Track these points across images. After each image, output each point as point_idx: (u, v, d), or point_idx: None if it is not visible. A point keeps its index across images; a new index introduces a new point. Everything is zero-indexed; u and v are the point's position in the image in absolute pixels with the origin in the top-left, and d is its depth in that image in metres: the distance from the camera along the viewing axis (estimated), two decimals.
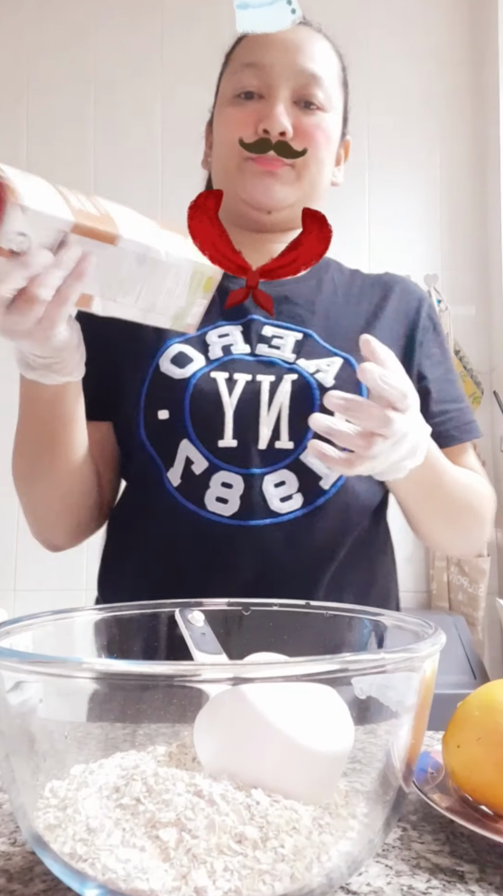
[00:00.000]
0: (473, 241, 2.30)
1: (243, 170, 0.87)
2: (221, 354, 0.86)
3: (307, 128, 0.87)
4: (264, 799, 0.38)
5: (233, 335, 0.88)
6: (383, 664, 0.36)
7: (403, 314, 0.94)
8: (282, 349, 0.87)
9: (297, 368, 0.85)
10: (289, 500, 0.81)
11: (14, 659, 0.37)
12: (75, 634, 0.52)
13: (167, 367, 0.85)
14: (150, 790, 0.38)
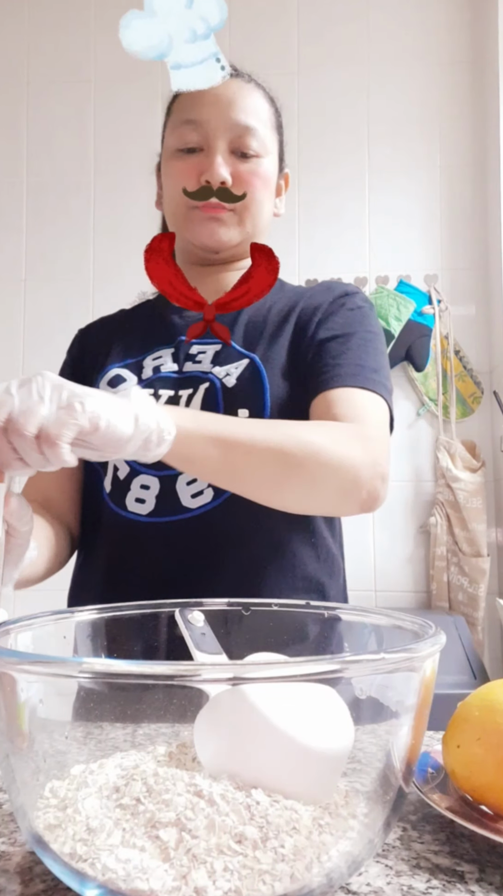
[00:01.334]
0: (473, 241, 2.30)
1: (190, 217, 0.96)
2: (151, 374, 0.95)
3: (244, 175, 0.95)
4: (264, 799, 0.38)
5: (164, 357, 0.97)
6: (383, 664, 0.36)
7: (312, 305, 0.98)
8: (203, 362, 0.94)
9: (211, 376, 0.92)
10: (200, 495, 0.87)
11: (14, 659, 0.37)
12: (75, 634, 0.52)
13: (103, 388, 0.94)
14: (150, 790, 0.38)
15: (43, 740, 0.40)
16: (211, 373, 0.93)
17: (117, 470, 0.91)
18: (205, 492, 0.87)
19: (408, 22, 2.34)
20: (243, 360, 0.93)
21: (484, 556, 2.14)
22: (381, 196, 2.32)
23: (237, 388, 0.90)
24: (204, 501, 0.87)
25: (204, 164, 0.95)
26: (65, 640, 0.51)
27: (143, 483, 0.89)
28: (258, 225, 0.99)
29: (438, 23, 2.34)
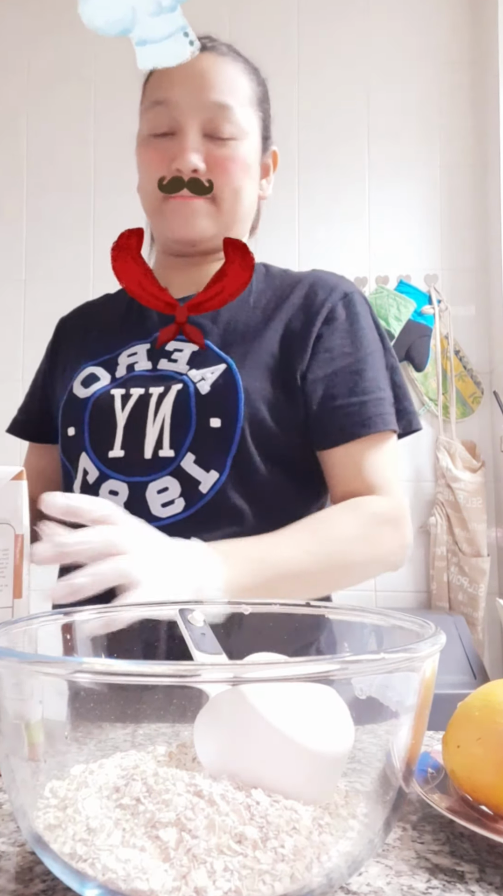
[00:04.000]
0: (473, 241, 2.30)
1: (163, 209, 0.90)
2: (125, 373, 0.91)
3: (218, 160, 0.88)
4: (264, 799, 0.38)
5: (139, 353, 0.93)
6: (383, 664, 0.36)
7: (302, 309, 0.92)
8: (179, 362, 0.90)
9: (185, 378, 0.88)
10: (170, 504, 0.84)
11: (14, 659, 0.37)
12: (75, 634, 0.52)
13: (77, 388, 0.93)
14: (150, 790, 0.38)
15: (43, 740, 0.40)
16: (186, 375, 0.88)
17: (87, 473, 0.88)
18: (175, 501, 0.84)
19: (408, 22, 2.34)
20: (220, 365, 0.88)
21: (484, 556, 2.14)
22: (381, 196, 2.32)
23: (210, 396, 0.86)
24: (174, 511, 0.84)
25: (174, 149, 0.88)
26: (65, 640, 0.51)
27: (111, 488, 0.86)
28: (238, 213, 0.92)
29: (438, 23, 2.34)
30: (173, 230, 0.91)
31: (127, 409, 0.88)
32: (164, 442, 0.85)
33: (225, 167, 0.89)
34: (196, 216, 0.90)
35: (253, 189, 0.95)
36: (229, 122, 0.89)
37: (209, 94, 0.88)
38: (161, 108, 0.89)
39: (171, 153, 0.88)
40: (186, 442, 0.85)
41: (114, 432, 0.87)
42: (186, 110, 0.87)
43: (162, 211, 0.91)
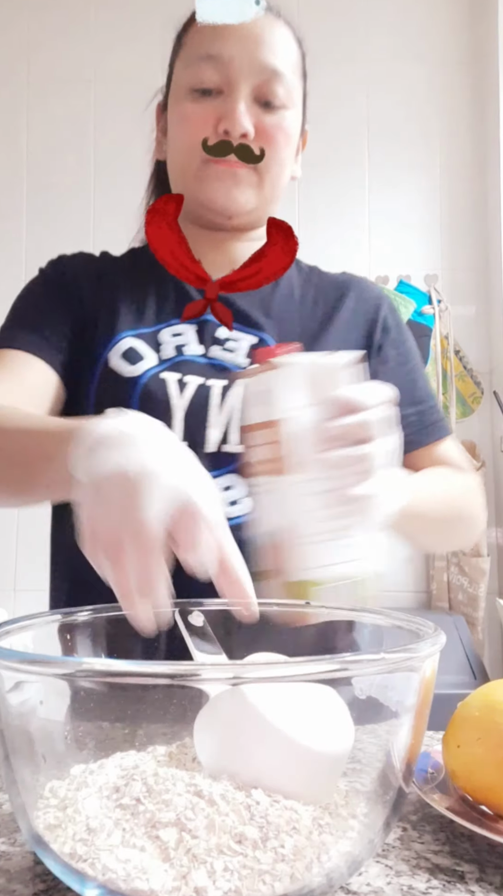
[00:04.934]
0: (473, 241, 2.30)
1: (204, 173, 0.83)
2: (174, 354, 0.83)
3: (268, 129, 0.82)
4: (264, 799, 0.38)
5: (186, 335, 0.85)
6: (383, 664, 0.36)
7: (361, 316, 0.90)
8: (236, 353, 0.84)
9: None
10: (236, 504, 0.78)
11: (14, 659, 0.37)
12: (75, 634, 0.52)
13: (116, 364, 0.82)
14: (150, 790, 0.38)
15: (43, 740, 0.40)
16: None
17: None
18: (242, 501, 0.78)
19: (408, 22, 2.34)
20: None
21: (484, 556, 2.14)
22: (381, 196, 2.32)
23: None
24: (242, 511, 0.77)
25: (223, 109, 0.81)
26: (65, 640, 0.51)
27: None
28: (277, 188, 0.87)
29: (438, 23, 2.34)
30: (212, 199, 0.84)
31: (185, 397, 0.80)
32: (230, 436, 0.79)
33: (273, 137, 0.82)
34: (240, 186, 0.83)
35: (290, 165, 0.89)
36: (282, 88, 0.83)
37: (266, 56, 0.81)
38: (211, 63, 0.81)
39: (219, 112, 0.81)
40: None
41: (170, 423, 0.79)
42: (240, 69, 0.81)
43: (200, 176, 0.83)
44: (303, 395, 0.57)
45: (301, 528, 0.56)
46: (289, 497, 0.57)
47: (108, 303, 0.87)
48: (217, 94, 0.82)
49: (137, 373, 0.81)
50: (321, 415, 0.56)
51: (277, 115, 0.83)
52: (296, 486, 0.56)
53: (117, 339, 0.84)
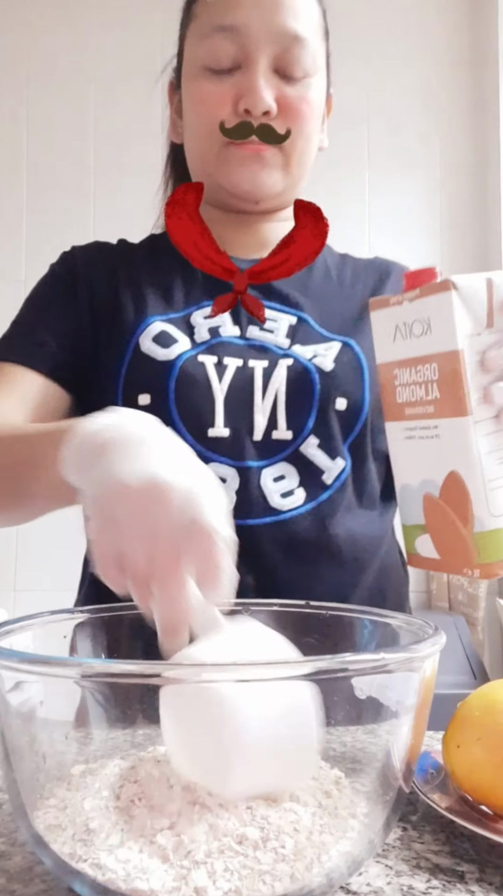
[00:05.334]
0: (473, 241, 2.30)
1: (225, 157, 0.77)
2: (208, 337, 0.77)
3: (292, 102, 0.75)
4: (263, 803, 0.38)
5: (220, 316, 0.79)
6: (383, 664, 0.36)
7: None
8: (276, 333, 0.78)
9: (293, 354, 0.76)
10: (290, 495, 0.73)
11: (14, 659, 0.37)
12: (75, 634, 0.52)
13: (148, 347, 0.76)
14: (148, 794, 0.38)
15: (43, 740, 0.40)
16: (291, 350, 0.77)
17: None
18: (295, 492, 0.73)
19: (408, 22, 2.34)
20: (332, 343, 0.78)
21: None
22: (381, 196, 2.32)
23: (336, 374, 0.75)
24: (296, 503, 0.73)
25: (242, 85, 0.74)
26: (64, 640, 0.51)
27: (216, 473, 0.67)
28: (305, 165, 0.80)
29: (438, 23, 2.34)
30: (237, 185, 0.78)
31: (225, 380, 0.75)
32: (278, 422, 0.74)
33: (298, 111, 0.75)
34: (265, 169, 0.77)
35: (317, 137, 0.82)
36: (306, 55, 0.75)
37: (286, 21, 0.74)
38: (225, 35, 0.74)
39: (238, 90, 0.74)
40: (309, 423, 0.74)
41: (212, 407, 0.73)
42: (258, 38, 0.73)
43: (222, 161, 0.77)
44: (470, 322, 0.51)
45: (487, 471, 0.50)
46: (467, 439, 0.50)
47: (133, 288, 0.82)
48: (234, 68, 0.75)
49: (172, 356, 0.75)
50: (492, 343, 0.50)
51: (302, 86, 0.76)
52: (474, 426, 0.50)
53: (146, 322, 0.78)
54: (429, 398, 0.52)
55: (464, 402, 0.50)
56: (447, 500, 0.52)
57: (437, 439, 0.52)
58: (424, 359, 0.52)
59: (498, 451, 0.51)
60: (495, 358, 0.50)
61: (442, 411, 0.51)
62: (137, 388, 0.75)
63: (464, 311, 0.51)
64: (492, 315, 0.51)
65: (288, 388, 0.74)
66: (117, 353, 0.77)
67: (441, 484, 0.52)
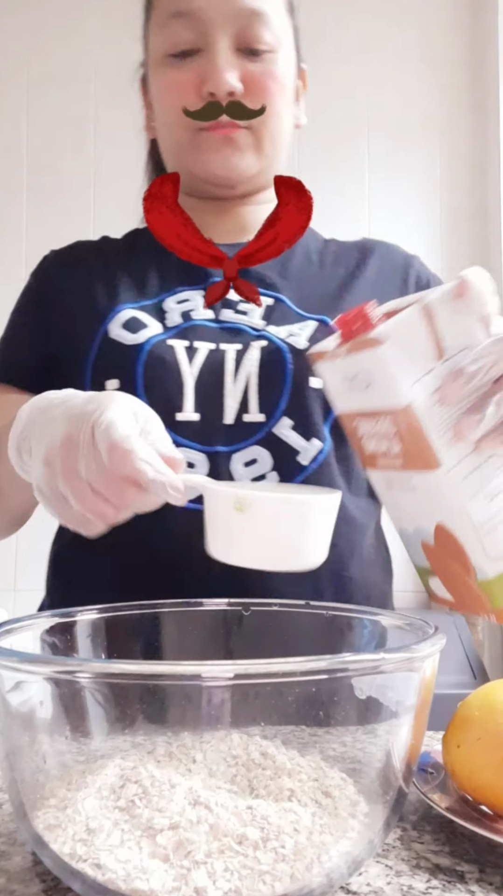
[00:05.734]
0: (473, 241, 2.30)
1: (196, 143, 0.76)
2: (180, 321, 0.76)
3: (258, 79, 0.74)
4: (262, 804, 0.38)
5: (193, 300, 0.78)
6: (383, 664, 0.36)
7: (388, 276, 0.84)
8: (251, 314, 0.77)
9: (267, 335, 0.74)
10: (262, 479, 0.71)
11: (14, 659, 0.37)
12: (75, 634, 0.52)
13: (117, 333, 0.75)
14: (149, 793, 0.38)
15: (43, 740, 0.40)
16: (265, 331, 0.75)
17: None
18: (267, 476, 0.71)
19: (408, 22, 2.34)
20: (308, 322, 0.76)
21: None
22: (381, 196, 2.32)
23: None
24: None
25: (204, 69, 0.73)
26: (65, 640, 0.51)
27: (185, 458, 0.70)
28: (279, 143, 0.79)
29: (438, 23, 2.34)
30: (211, 171, 0.77)
31: (196, 364, 0.73)
32: (250, 405, 0.72)
33: (264, 86, 0.74)
34: (238, 152, 0.76)
35: (290, 114, 0.81)
36: (267, 31, 0.74)
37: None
38: (182, 20, 0.74)
39: (201, 74, 0.74)
40: (281, 404, 0.72)
41: (181, 390, 0.72)
42: (214, 21, 0.73)
43: (195, 146, 0.77)
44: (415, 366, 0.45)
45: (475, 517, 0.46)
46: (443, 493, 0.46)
47: (106, 279, 0.81)
48: (195, 53, 0.74)
49: (140, 340, 0.74)
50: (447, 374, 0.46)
51: (266, 61, 0.75)
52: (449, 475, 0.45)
53: (117, 310, 0.77)
54: (394, 452, 0.48)
55: (431, 455, 0.45)
56: (443, 550, 0.49)
57: (415, 491, 0.48)
58: (377, 413, 0.47)
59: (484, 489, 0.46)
60: (454, 390, 0.45)
61: (410, 465, 0.47)
62: (105, 374, 0.75)
63: (404, 358, 0.45)
64: (439, 343, 0.45)
65: (260, 370, 0.73)
66: (87, 341, 0.77)
67: (433, 533, 0.49)
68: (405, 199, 2.32)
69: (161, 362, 0.73)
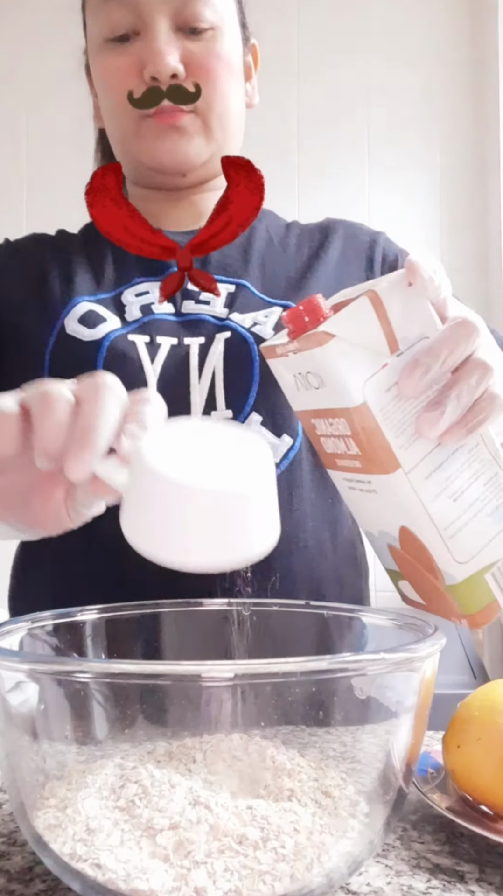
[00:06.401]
0: (473, 241, 2.30)
1: (141, 132, 0.73)
2: (140, 315, 0.73)
3: (200, 58, 0.70)
4: (262, 804, 0.38)
5: (153, 292, 0.74)
6: (383, 664, 0.36)
7: (352, 255, 0.81)
8: (213, 303, 0.74)
9: (230, 324, 0.72)
10: None
11: (14, 659, 0.37)
12: (75, 634, 0.52)
13: (74, 328, 0.71)
14: (149, 793, 0.38)
15: (43, 740, 0.40)
16: (228, 320, 0.72)
17: None
18: None
19: (408, 22, 2.34)
20: (273, 309, 0.73)
21: None
22: (381, 196, 2.32)
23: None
24: None
25: (144, 53, 0.70)
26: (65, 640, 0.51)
27: None
28: (229, 125, 0.74)
29: (438, 23, 2.34)
30: (157, 159, 0.74)
31: (158, 361, 0.70)
32: (217, 401, 0.69)
33: (207, 66, 0.70)
34: (184, 138, 0.72)
35: (239, 94, 0.76)
36: (204, 7, 0.70)
37: None
38: (117, 3, 0.70)
39: (141, 58, 0.70)
40: (249, 400, 0.69)
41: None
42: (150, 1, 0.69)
43: (139, 136, 0.73)
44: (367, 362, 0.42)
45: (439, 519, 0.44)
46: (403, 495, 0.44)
47: (62, 273, 0.78)
48: (134, 36, 0.71)
49: (98, 335, 0.71)
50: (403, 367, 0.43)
51: (208, 39, 0.71)
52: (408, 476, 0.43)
53: (73, 303, 0.74)
54: (352, 453, 0.45)
55: (389, 456, 0.43)
56: (409, 553, 0.47)
57: (375, 494, 0.45)
58: (331, 412, 0.44)
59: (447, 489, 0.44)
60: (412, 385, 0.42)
61: (368, 467, 0.44)
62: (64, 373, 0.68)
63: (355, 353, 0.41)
64: (392, 335, 0.42)
65: (225, 364, 0.70)
66: (42, 337, 0.73)
67: (398, 536, 0.47)
68: (405, 200, 2.32)
69: (122, 359, 0.70)
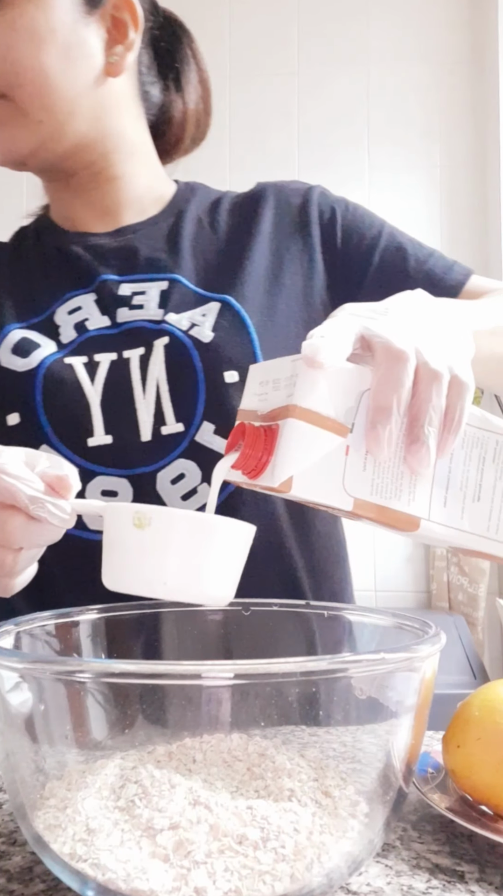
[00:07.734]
0: (473, 241, 2.30)
1: None
2: (75, 335, 0.70)
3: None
4: (262, 804, 0.38)
5: (86, 307, 0.71)
6: (383, 664, 0.36)
7: (285, 227, 0.76)
8: (146, 306, 0.70)
9: (168, 327, 0.68)
10: (193, 494, 0.65)
11: (14, 659, 0.37)
12: (75, 634, 0.52)
13: (9, 360, 0.68)
14: (149, 793, 0.38)
15: (43, 740, 0.40)
16: (164, 322, 0.68)
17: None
18: (198, 489, 0.65)
19: (408, 22, 2.34)
20: (210, 305, 0.69)
21: None
22: (381, 197, 2.32)
23: (219, 343, 0.66)
24: (201, 502, 0.65)
25: None
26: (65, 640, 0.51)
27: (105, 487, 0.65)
28: (54, 103, 0.66)
29: (438, 23, 2.34)
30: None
31: (98, 381, 0.67)
32: (165, 415, 0.66)
33: (6, 44, 0.63)
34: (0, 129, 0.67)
35: (84, 64, 0.67)
36: None
37: None
38: None
39: None
40: (198, 408, 0.66)
41: (87, 413, 0.66)
42: None
43: None
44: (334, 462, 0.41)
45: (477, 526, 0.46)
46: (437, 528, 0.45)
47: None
48: None
49: (33, 364, 0.68)
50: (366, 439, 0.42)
51: (7, 10, 0.64)
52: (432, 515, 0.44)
53: (3, 333, 0.70)
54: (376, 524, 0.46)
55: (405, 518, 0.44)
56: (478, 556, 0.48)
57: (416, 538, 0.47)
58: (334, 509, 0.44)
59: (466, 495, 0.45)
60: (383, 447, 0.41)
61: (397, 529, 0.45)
62: (4, 409, 0.67)
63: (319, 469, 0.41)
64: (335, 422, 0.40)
65: (168, 373, 0.66)
66: None
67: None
68: (405, 199, 2.32)
69: (60, 386, 0.67)
